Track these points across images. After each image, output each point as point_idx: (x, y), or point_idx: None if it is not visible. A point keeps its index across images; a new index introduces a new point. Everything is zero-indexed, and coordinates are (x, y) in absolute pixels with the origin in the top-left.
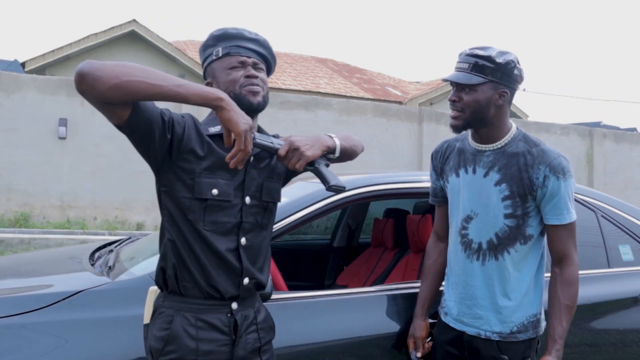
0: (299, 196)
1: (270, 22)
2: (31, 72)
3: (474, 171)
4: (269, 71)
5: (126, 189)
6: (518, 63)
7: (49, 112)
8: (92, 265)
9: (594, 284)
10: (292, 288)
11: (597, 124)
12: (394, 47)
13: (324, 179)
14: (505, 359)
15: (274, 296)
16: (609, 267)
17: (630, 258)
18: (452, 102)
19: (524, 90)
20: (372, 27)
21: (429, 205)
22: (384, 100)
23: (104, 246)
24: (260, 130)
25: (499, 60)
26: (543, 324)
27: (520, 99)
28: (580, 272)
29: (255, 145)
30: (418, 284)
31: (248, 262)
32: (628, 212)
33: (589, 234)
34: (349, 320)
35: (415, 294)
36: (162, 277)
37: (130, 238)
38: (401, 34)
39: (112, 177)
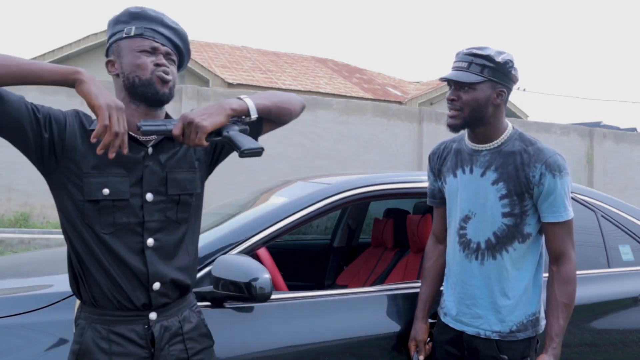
0: (299, 196)
1: (270, 22)
2: None
3: (471, 171)
4: (180, 67)
5: None
6: (514, 63)
7: None
8: None
9: (594, 284)
10: (292, 288)
11: (597, 124)
12: (394, 47)
13: (235, 145)
14: (505, 358)
15: (274, 296)
16: (609, 267)
17: (630, 258)
18: (451, 101)
19: (524, 90)
20: (372, 27)
21: (429, 205)
22: (384, 100)
23: None
24: (167, 117)
25: (498, 59)
26: (542, 322)
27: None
28: (580, 272)
29: (145, 132)
30: (418, 284)
31: (158, 265)
32: (628, 212)
33: (589, 234)
34: (349, 320)
35: (416, 294)
36: (75, 285)
37: None
38: (401, 34)
39: None
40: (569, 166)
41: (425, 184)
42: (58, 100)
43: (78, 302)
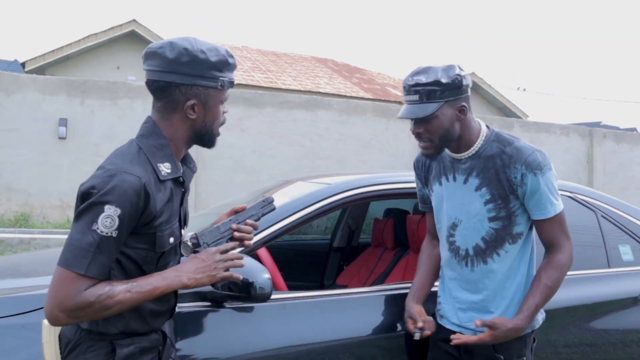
0: (299, 196)
1: (270, 22)
2: (31, 72)
3: (454, 179)
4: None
5: None
6: (462, 71)
7: (49, 112)
8: None
9: (594, 284)
10: (292, 288)
11: (597, 124)
12: (394, 47)
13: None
14: (501, 358)
15: (274, 296)
16: (609, 267)
17: (630, 258)
18: (418, 135)
19: (524, 90)
20: (372, 27)
21: None
22: (384, 100)
23: None
24: (186, 156)
25: (445, 80)
26: (540, 316)
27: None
28: (580, 272)
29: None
30: None
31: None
32: (628, 212)
33: (589, 234)
34: (349, 320)
35: None
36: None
37: None
38: (401, 34)
39: None
40: (569, 166)
41: None
42: (58, 100)
43: (49, 327)
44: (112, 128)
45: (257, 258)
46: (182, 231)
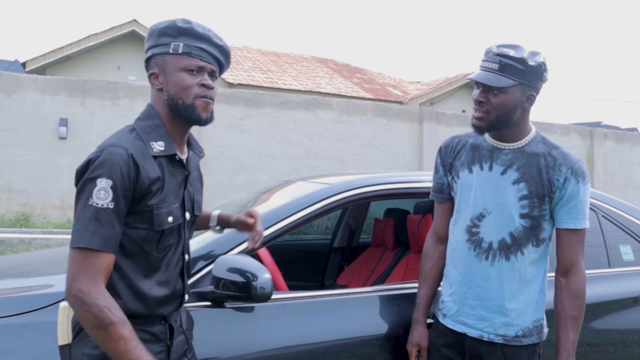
0: (299, 196)
1: (270, 22)
2: (31, 72)
3: (490, 168)
4: (221, 71)
5: None
6: (546, 61)
7: (49, 112)
8: None
9: (594, 284)
10: (292, 288)
11: (597, 124)
12: (394, 47)
13: None
14: None
15: (274, 296)
16: (610, 267)
17: (630, 258)
18: (479, 102)
19: None
20: (372, 27)
21: (430, 205)
22: (385, 100)
23: None
24: (189, 138)
25: (531, 62)
26: (546, 330)
27: None
28: None
29: None
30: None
31: (187, 279)
32: (628, 212)
33: (590, 234)
34: (349, 320)
35: (416, 294)
36: None
37: None
38: (401, 34)
39: None
40: None
41: (426, 184)
42: (58, 100)
43: (68, 309)
44: (112, 128)
45: (258, 258)
46: (187, 215)
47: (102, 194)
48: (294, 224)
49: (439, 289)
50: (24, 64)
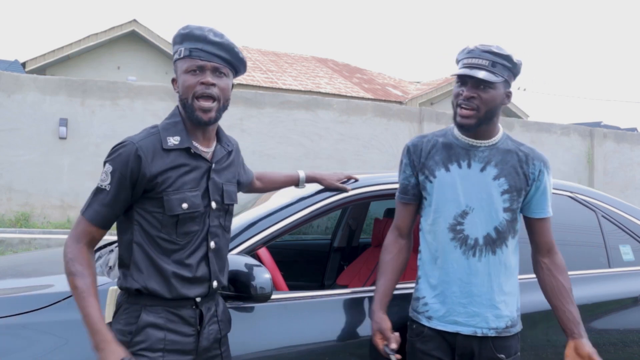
0: (299, 196)
1: (270, 22)
2: (31, 72)
3: (469, 165)
4: (237, 73)
5: None
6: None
7: (49, 112)
8: None
9: (594, 284)
10: (292, 288)
11: (597, 124)
12: (394, 47)
13: None
14: (503, 358)
15: (274, 296)
16: (610, 267)
17: (630, 258)
18: (469, 99)
19: (524, 90)
20: (372, 27)
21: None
22: (385, 100)
23: (104, 246)
24: (219, 133)
25: (515, 60)
26: (519, 315)
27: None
28: (580, 272)
29: None
30: None
31: (215, 265)
32: (628, 212)
33: (589, 234)
34: (349, 320)
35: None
36: (133, 290)
37: None
38: (401, 34)
39: None
40: (570, 166)
41: None
42: (58, 100)
43: (115, 292)
44: (112, 128)
45: (258, 258)
46: (213, 204)
47: (103, 176)
48: (294, 224)
49: (413, 291)
50: (24, 64)
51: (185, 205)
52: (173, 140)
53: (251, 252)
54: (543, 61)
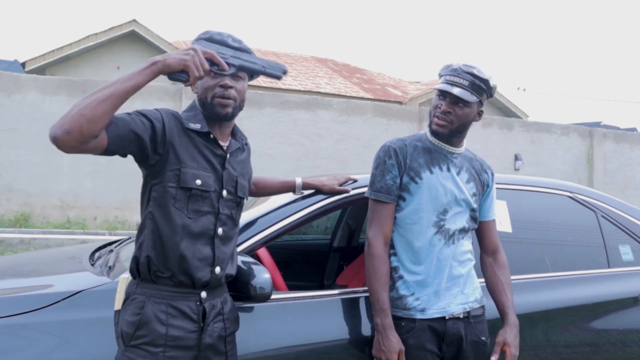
0: (299, 196)
1: (270, 22)
2: (31, 72)
3: (448, 169)
4: (252, 77)
5: (126, 189)
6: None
7: (49, 112)
8: (92, 265)
9: (594, 284)
10: (292, 288)
11: (597, 124)
12: (394, 47)
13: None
14: (485, 340)
15: (274, 296)
16: (609, 267)
17: (630, 258)
18: (446, 113)
19: (524, 90)
20: (372, 27)
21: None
22: (384, 100)
23: (104, 246)
24: (234, 129)
25: (492, 83)
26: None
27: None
28: (580, 272)
29: (241, 68)
30: None
31: (220, 252)
32: (628, 212)
33: (589, 234)
34: (349, 321)
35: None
36: (135, 265)
37: (130, 238)
38: (402, 34)
39: (112, 177)
40: (570, 166)
41: None
42: (58, 100)
43: (126, 280)
44: None
45: (257, 258)
46: (225, 192)
47: (147, 110)
48: (294, 224)
49: (393, 292)
50: (23, 64)
51: (198, 182)
52: (192, 124)
53: (251, 252)
54: (543, 61)
